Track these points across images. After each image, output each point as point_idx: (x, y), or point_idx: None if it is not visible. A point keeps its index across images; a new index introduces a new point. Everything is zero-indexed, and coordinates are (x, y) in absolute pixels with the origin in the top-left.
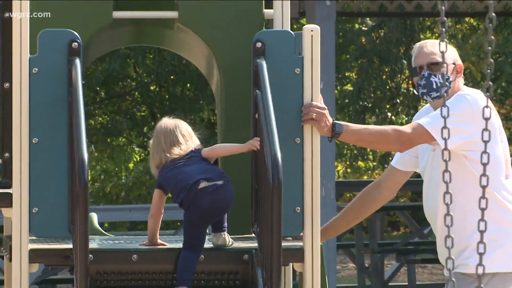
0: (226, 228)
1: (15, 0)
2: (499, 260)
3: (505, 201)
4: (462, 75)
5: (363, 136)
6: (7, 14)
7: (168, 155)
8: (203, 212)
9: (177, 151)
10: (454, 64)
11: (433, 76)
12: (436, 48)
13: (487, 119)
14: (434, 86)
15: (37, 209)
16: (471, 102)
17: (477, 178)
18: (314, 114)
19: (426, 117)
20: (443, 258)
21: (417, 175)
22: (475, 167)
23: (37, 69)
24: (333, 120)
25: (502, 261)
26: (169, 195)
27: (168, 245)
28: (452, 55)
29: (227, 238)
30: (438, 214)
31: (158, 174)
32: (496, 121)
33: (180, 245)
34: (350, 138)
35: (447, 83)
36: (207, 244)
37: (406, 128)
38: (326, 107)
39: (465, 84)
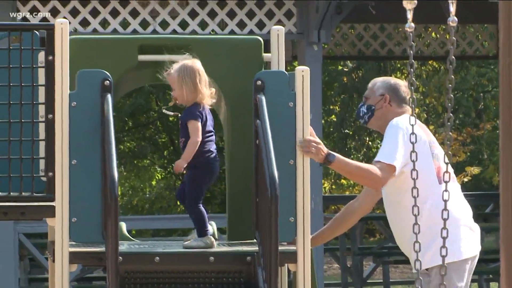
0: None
1: (57, 46)
2: (436, 255)
3: (433, 205)
4: (403, 104)
5: (347, 169)
6: (50, 57)
7: (201, 95)
8: (212, 175)
9: (209, 95)
10: (382, 95)
11: (362, 106)
12: (371, 84)
13: (413, 143)
14: (361, 114)
15: (75, 218)
16: (400, 128)
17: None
18: (313, 148)
19: (379, 153)
20: (411, 259)
21: None
22: (406, 181)
23: (75, 103)
24: (327, 150)
25: (437, 255)
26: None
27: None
28: (381, 87)
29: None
30: (392, 224)
31: (198, 108)
32: (425, 138)
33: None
34: (338, 167)
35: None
36: (217, 248)
37: (377, 171)
38: (321, 142)
39: (428, 115)
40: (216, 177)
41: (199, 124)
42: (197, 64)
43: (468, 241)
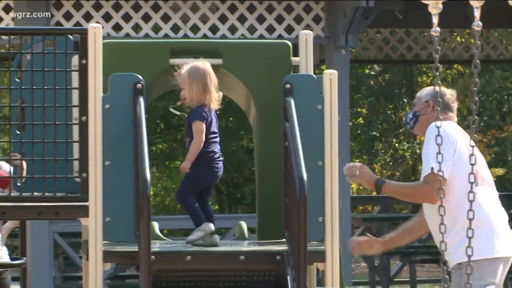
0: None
1: (90, 50)
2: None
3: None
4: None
5: (400, 190)
6: (83, 61)
7: (209, 97)
8: (215, 176)
9: (216, 98)
10: (426, 101)
11: (409, 113)
12: (419, 92)
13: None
14: (407, 120)
15: (109, 218)
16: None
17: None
18: (357, 171)
19: (424, 167)
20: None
21: None
22: (446, 184)
23: (108, 105)
24: (376, 176)
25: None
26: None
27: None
28: (426, 94)
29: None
30: (431, 222)
31: (204, 109)
32: (463, 143)
33: (229, 248)
34: (389, 190)
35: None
36: (247, 248)
37: (428, 185)
38: (365, 166)
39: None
40: (220, 177)
41: (204, 125)
42: (207, 66)
43: (502, 242)
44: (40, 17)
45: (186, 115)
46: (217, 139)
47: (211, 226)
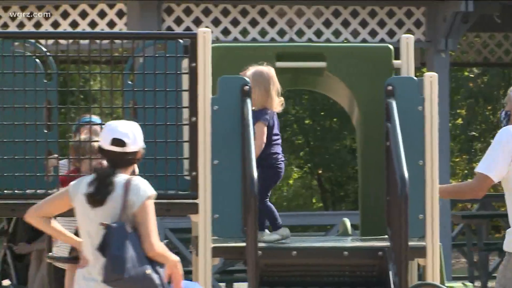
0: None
1: (200, 53)
2: None
3: None
4: None
5: (449, 189)
6: (193, 64)
7: (270, 101)
8: (279, 175)
9: (280, 103)
10: None
11: (501, 112)
12: (510, 91)
13: None
14: (501, 119)
15: (217, 215)
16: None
17: None
18: None
19: (480, 163)
20: None
21: None
22: None
23: (217, 107)
24: None
25: None
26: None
27: None
28: None
29: None
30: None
31: (266, 112)
32: None
33: (333, 243)
34: (441, 193)
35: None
36: (350, 243)
37: (474, 182)
38: None
39: None
40: (282, 176)
41: (265, 128)
42: (271, 71)
43: None
44: (152, 22)
45: None
46: (279, 141)
47: (288, 232)
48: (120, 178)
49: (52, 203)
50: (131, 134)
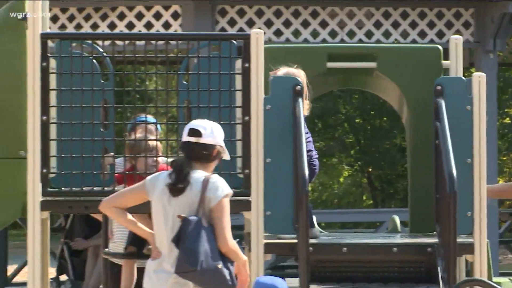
0: None
1: (253, 54)
2: None
3: None
4: None
5: (497, 188)
6: (246, 64)
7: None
8: (314, 172)
9: (307, 105)
10: None
11: None
12: None
13: None
14: None
15: (269, 212)
16: None
17: None
18: None
19: None
20: None
21: None
22: None
23: (269, 106)
24: None
25: None
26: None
27: None
28: None
29: None
30: None
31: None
32: None
33: (383, 240)
34: (489, 193)
35: None
36: (400, 240)
37: None
38: None
39: None
40: (317, 173)
41: None
42: (301, 74)
43: None
44: (206, 23)
45: None
46: (310, 139)
47: (319, 234)
48: (198, 174)
49: (127, 195)
50: (209, 128)
